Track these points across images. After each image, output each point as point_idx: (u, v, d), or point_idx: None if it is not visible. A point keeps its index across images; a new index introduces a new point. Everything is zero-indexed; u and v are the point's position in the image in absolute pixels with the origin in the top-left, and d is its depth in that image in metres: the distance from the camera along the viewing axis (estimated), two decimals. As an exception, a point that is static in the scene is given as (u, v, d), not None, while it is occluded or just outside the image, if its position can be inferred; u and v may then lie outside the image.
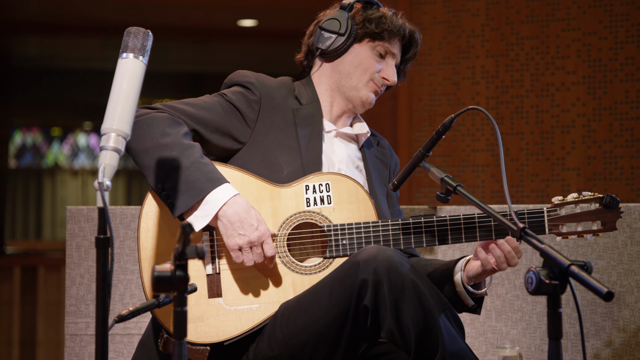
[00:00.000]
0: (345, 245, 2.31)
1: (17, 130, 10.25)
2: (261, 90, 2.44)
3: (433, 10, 4.50)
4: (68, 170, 10.54)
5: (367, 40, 2.51)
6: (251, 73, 2.49)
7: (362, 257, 2.09)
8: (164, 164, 2.22)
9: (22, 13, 6.92)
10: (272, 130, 2.42)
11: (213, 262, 2.28)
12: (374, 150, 2.61)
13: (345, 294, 2.09)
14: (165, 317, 2.22)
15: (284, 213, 2.33)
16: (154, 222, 2.29)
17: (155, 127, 2.26)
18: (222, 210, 2.21)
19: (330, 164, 2.47)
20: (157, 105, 2.36)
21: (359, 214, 2.35)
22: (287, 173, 2.37)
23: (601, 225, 2.30)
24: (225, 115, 2.39)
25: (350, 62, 2.52)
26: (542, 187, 4.30)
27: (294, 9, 6.50)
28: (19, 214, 10.25)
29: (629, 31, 4.22)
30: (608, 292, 1.61)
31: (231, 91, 2.45)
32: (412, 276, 2.06)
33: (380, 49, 2.51)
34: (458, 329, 2.12)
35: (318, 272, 2.30)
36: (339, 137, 2.55)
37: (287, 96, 2.48)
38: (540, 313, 3.02)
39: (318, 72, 2.57)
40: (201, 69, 8.65)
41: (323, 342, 2.14)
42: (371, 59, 2.51)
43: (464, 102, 4.43)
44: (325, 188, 2.35)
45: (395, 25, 2.51)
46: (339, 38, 2.50)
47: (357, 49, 2.52)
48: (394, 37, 2.52)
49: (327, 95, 2.55)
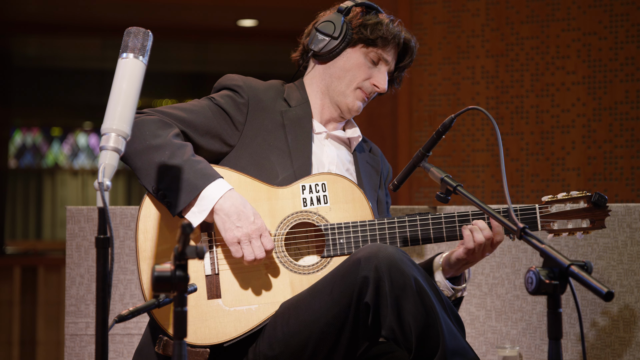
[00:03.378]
0: (343, 244, 2.32)
1: (17, 130, 10.25)
2: (249, 93, 2.45)
3: (433, 10, 4.50)
4: (68, 170, 10.54)
5: (360, 45, 2.50)
6: (239, 76, 2.50)
7: (363, 254, 2.09)
8: (157, 165, 2.23)
9: (22, 13, 6.92)
10: (261, 132, 2.43)
11: (212, 262, 2.29)
12: (365, 155, 2.61)
13: (347, 291, 2.09)
14: (164, 319, 2.22)
15: (281, 213, 2.33)
16: (152, 224, 2.30)
17: (146, 130, 2.27)
18: (219, 204, 2.22)
19: (320, 164, 2.48)
20: (146, 110, 2.38)
21: (355, 213, 2.36)
22: (281, 179, 2.38)
23: (590, 223, 2.36)
24: (215, 118, 2.41)
25: (342, 66, 2.51)
26: (542, 187, 4.30)
27: (294, 9, 6.50)
28: (19, 214, 10.25)
29: (629, 31, 4.22)
30: (608, 292, 1.61)
31: (220, 95, 2.46)
32: (413, 273, 2.06)
33: (373, 55, 2.50)
34: (459, 326, 2.13)
35: (316, 271, 2.30)
36: (329, 139, 2.55)
37: (276, 98, 2.49)
38: (540, 313, 3.02)
39: (310, 73, 2.57)
40: (201, 69, 8.65)
41: (324, 341, 2.14)
42: (363, 65, 2.50)
43: (464, 102, 4.43)
44: (321, 188, 2.36)
45: (391, 32, 2.49)
46: (332, 41, 2.49)
47: (349, 53, 2.51)
48: (388, 45, 2.50)
49: (318, 97, 2.55)
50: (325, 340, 2.14)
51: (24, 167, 10.43)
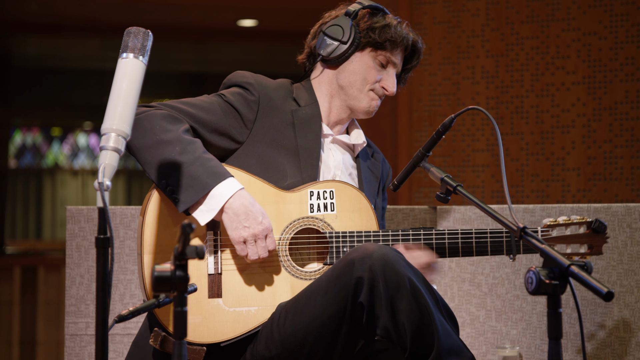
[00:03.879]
0: (346, 252, 2.31)
1: (17, 130, 10.24)
2: (260, 91, 2.44)
3: (433, 10, 4.49)
4: (68, 170, 10.53)
5: (369, 49, 2.49)
6: (250, 74, 2.49)
7: (357, 254, 2.10)
8: (166, 160, 2.23)
9: (22, 13, 6.92)
10: (270, 130, 2.42)
11: (215, 262, 2.29)
12: (368, 162, 2.61)
13: (342, 292, 2.10)
14: (164, 315, 2.22)
15: (287, 217, 2.33)
16: (158, 218, 2.29)
17: (156, 124, 2.26)
18: (229, 203, 2.22)
19: (327, 167, 2.48)
20: (155, 104, 2.36)
21: (360, 223, 2.37)
22: (289, 181, 2.38)
23: (588, 249, 2.36)
24: (224, 115, 2.39)
25: (352, 70, 2.50)
26: (542, 187, 4.30)
27: (294, 9, 6.50)
28: (19, 214, 10.25)
29: (629, 31, 4.22)
30: (608, 292, 1.61)
31: (230, 92, 2.45)
32: (407, 273, 2.07)
33: (382, 58, 2.50)
34: (452, 325, 2.14)
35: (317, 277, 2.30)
36: (335, 144, 2.55)
37: (286, 97, 2.48)
38: (540, 313, 3.02)
39: (318, 77, 2.56)
40: (201, 69, 8.64)
41: (321, 341, 2.14)
42: (372, 69, 2.50)
43: (464, 102, 4.43)
44: (329, 195, 2.37)
45: (399, 35, 2.49)
46: (341, 46, 2.48)
47: (358, 57, 2.50)
48: (397, 48, 2.50)
49: (326, 100, 2.54)
50: (322, 340, 2.14)
51: (24, 167, 10.43)
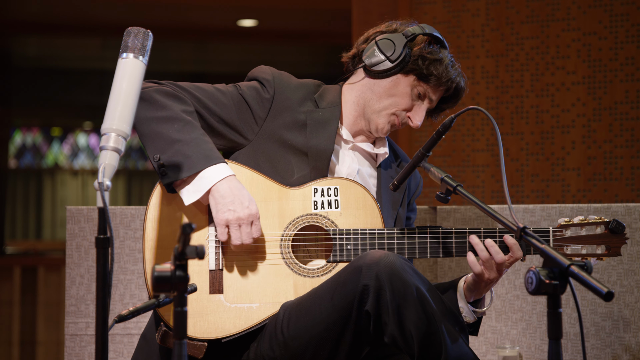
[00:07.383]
0: (350, 250, 2.30)
1: (17, 130, 10.25)
2: (276, 88, 2.41)
3: (433, 10, 4.49)
4: (68, 170, 10.54)
5: (413, 77, 2.42)
6: (271, 70, 2.45)
7: (364, 261, 2.08)
8: (163, 135, 2.23)
9: (22, 13, 6.92)
10: (280, 129, 2.39)
11: (217, 258, 2.28)
12: (391, 171, 2.53)
13: (347, 298, 2.08)
14: (165, 310, 2.22)
15: (290, 214, 2.33)
16: (161, 213, 2.29)
17: (160, 99, 2.28)
18: (216, 186, 2.22)
19: (338, 172, 2.45)
20: (164, 81, 2.36)
21: (365, 221, 2.35)
22: (295, 178, 2.36)
23: (605, 250, 2.29)
24: (235, 107, 2.38)
25: (387, 88, 2.43)
26: (542, 187, 4.30)
27: (294, 9, 6.51)
28: (19, 214, 10.25)
29: (629, 31, 4.22)
30: (608, 292, 1.61)
31: (247, 85, 2.42)
32: (414, 281, 2.05)
33: (421, 89, 2.43)
34: (461, 333, 2.12)
35: (320, 275, 2.30)
36: (355, 152, 2.50)
37: (304, 98, 2.43)
38: (540, 313, 3.02)
39: (354, 83, 2.49)
40: (201, 69, 8.64)
41: (324, 345, 2.14)
42: (407, 96, 2.43)
43: (464, 102, 4.41)
44: (333, 192, 2.35)
45: (447, 75, 2.41)
46: (386, 62, 2.40)
47: (399, 79, 2.43)
48: (440, 86, 2.43)
49: (352, 107, 2.48)
50: (325, 345, 2.13)
51: (24, 167, 10.43)
